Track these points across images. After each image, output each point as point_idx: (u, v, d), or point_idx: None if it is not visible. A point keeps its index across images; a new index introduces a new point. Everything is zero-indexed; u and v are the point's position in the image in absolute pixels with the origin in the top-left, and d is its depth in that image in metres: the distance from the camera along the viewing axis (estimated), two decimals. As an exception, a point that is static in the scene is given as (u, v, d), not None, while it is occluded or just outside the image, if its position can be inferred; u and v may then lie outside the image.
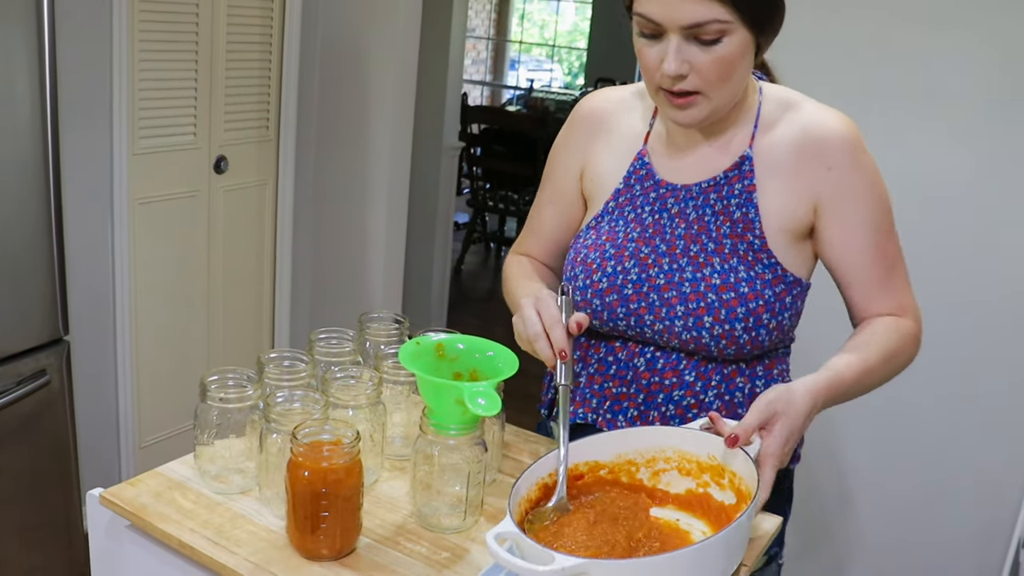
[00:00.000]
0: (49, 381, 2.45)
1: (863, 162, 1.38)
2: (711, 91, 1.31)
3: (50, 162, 2.36)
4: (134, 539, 1.23)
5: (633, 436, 1.29)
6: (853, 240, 1.39)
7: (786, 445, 1.21)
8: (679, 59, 1.28)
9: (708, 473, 1.25)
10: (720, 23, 1.25)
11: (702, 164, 1.43)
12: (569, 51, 12.34)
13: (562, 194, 1.58)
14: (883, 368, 1.38)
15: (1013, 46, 2.37)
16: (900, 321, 1.41)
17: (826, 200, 1.38)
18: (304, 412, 1.21)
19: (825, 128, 1.38)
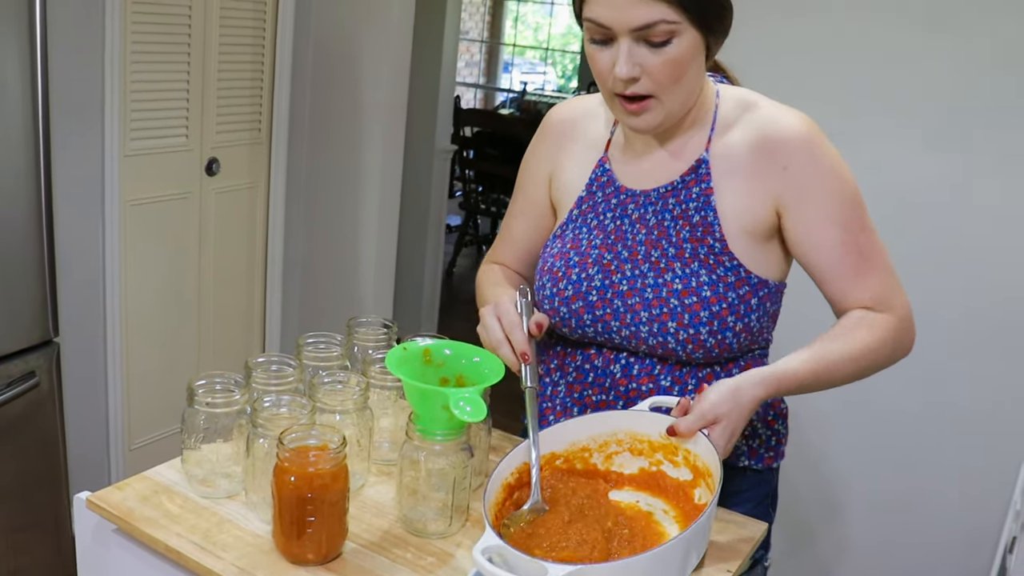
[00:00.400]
0: (39, 383, 2.45)
1: (821, 158, 1.36)
2: (664, 94, 1.31)
3: (41, 163, 2.35)
4: (121, 543, 1.23)
5: (586, 423, 1.32)
6: (818, 237, 1.37)
7: (729, 442, 1.24)
8: (630, 62, 1.28)
9: (661, 452, 1.28)
10: (668, 23, 1.26)
11: (660, 169, 1.43)
12: (563, 54, 12.34)
13: (533, 204, 1.59)
14: (849, 363, 1.35)
15: (991, 51, 2.38)
16: (876, 316, 1.38)
17: (786, 200, 1.37)
18: (291, 417, 1.21)
19: (780, 127, 1.37)
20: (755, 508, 1.47)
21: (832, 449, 2.78)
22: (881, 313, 1.39)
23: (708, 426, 1.23)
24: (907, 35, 2.46)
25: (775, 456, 1.49)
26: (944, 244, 2.49)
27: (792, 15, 2.58)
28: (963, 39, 2.40)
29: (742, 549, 1.23)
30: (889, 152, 2.50)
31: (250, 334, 3.47)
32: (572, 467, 1.30)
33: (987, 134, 2.41)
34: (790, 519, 2.70)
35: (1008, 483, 2.54)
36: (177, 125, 2.95)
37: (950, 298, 2.50)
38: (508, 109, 9.51)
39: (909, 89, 2.48)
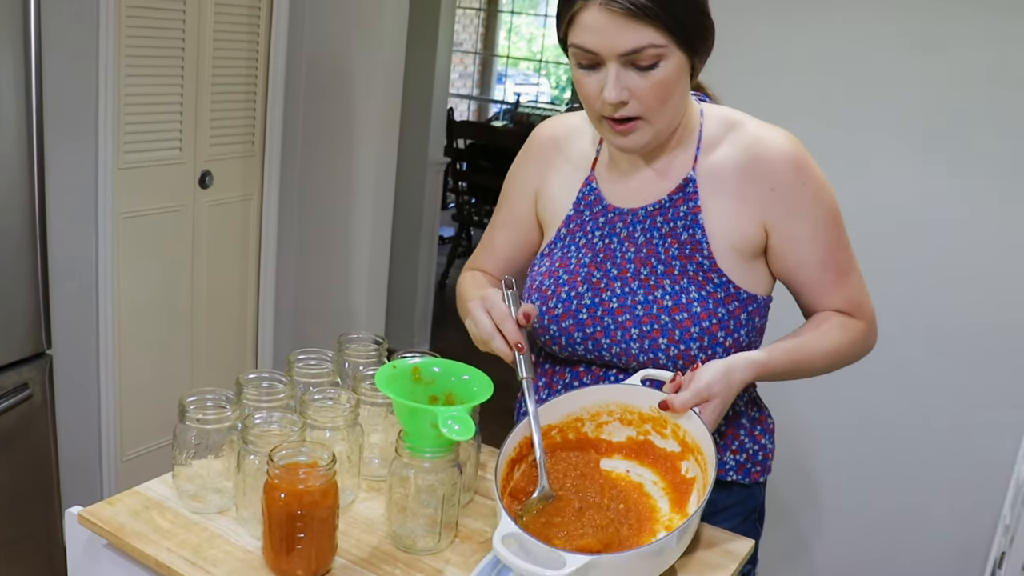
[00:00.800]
0: (31, 395, 2.45)
1: (807, 179, 1.39)
2: (651, 115, 1.33)
3: (35, 176, 2.36)
4: (112, 558, 1.24)
5: (580, 396, 1.36)
6: (803, 255, 1.42)
7: (717, 420, 1.28)
8: (619, 86, 1.30)
9: (650, 423, 1.32)
10: (656, 47, 1.27)
11: (647, 188, 1.45)
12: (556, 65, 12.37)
13: (517, 219, 1.61)
14: (822, 358, 1.43)
15: (985, 69, 2.40)
16: (847, 320, 1.45)
17: (773, 219, 1.40)
18: (281, 434, 1.22)
19: (767, 147, 1.40)
20: (742, 523, 1.48)
21: (821, 463, 2.79)
22: (852, 318, 1.46)
23: (701, 403, 1.27)
24: (902, 53, 2.48)
25: (762, 471, 1.51)
26: (937, 260, 2.50)
27: (785, 32, 2.60)
28: (957, 57, 2.43)
29: (729, 566, 1.24)
30: (884, 168, 2.52)
31: (243, 346, 3.48)
32: (565, 437, 1.34)
33: (982, 151, 2.43)
34: (778, 533, 2.71)
35: (997, 498, 2.55)
36: (171, 138, 2.96)
37: (942, 313, 2.52)
38: (501, 121, 9.54)
39: (903, 106, 2.50)
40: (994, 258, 2.46)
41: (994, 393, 2.51)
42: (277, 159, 3.38)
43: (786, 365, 1.37)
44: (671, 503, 1.27)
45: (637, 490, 1.29)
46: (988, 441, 2.54)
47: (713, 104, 1.50)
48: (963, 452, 2.58)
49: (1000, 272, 2.46)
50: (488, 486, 1.39)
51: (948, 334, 2.52)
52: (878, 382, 2.60)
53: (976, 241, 2.48)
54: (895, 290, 2.40)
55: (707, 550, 1.27)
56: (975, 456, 2.57)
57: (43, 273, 2.44)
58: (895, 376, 2.58)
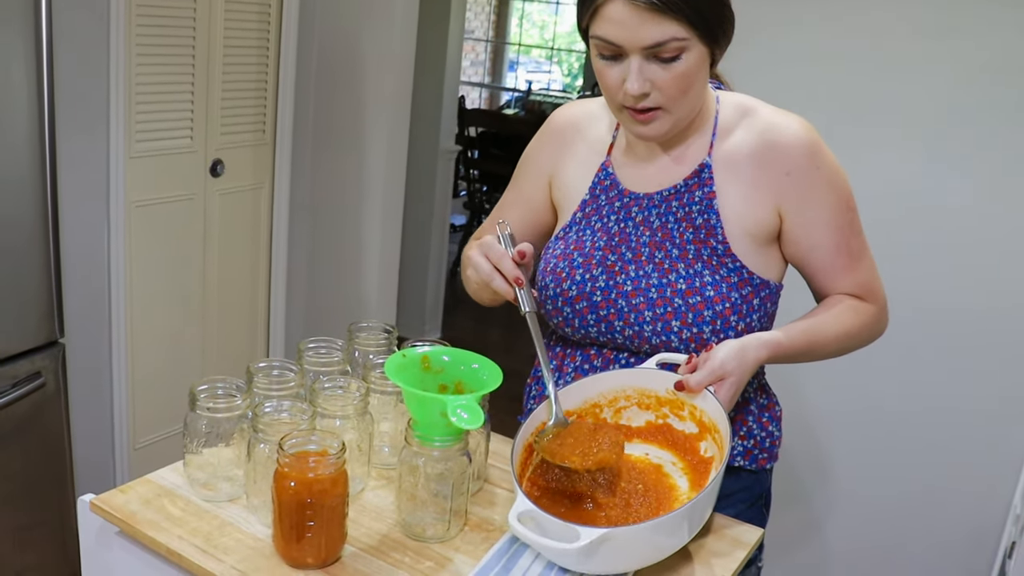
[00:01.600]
0: (44, 383, 2.47)
1: (821, 164, 1.41)
2: (672, 105, 1.35)
3: (47, 165, 2.37)
4: (124, 545, 1.25)
5: (597, 381, 1.38)
6: (816, 240, 1.43)
7: (732, 400, 1.30)
8: (641, 79, 1.31)
9: (667, 406, 1.34)
10: (679, 41, 1.29)
11: (663, 173, 1.47)
12: (568, 53, 12.35)
13: (527, 200, 1.62)
14: (834, 341, 1.44)
15: (991, 60, 2.39)
16: (859, 303, 1.47)
17: (788, 204, 1.41)
18: (291, 422, 1.22)
19: (782, 133, 1.41)
20: (749, 508, 1.49)
21: (832, 450, 2.79)
22: (865, 302, 1.47)
23: (716, 382, 1.28)
24: (908, 44, 2.47)
25: (769, 458, 1.51)
26: (949, 247, 2.50)
27: (792, 25, 2.59)
28: (964, 49, 2.42)
29: (737, 554, 1.25)
30: (891, 160, 2.51)
31: (254, 335, 3.49)
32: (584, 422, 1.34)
33: (988, 142, 2.43)
34: (786, 519, 2.72)
35: (1008, 487, 2.55)
36: (182, 127, 2.97)
37: (951, 302, 2.51)
38: (513, 109, 9.52)
39: (910, 98, 2.49)
40: (1006, 244, 2.45)
41: (1005, 380, 2.51)
42: (288, 147, 3.39)
43: (800, 346, 1.38)
44: (690, 483, 1.28)
45: (656, 471, 1.30)
46: (999, 430, 2.54)
47: (728, 91, 1.50)
48: (974, 441, 2.58)
49: (1011, 258, 2.45)
50: (498, 474, 1.40)
51: (958, 321, 2.51)
52: (888, 369, 2.60)
53: (987, 228, 2.47)
54: (906, 277, 2.39)
55: (716, 539, 1.27)
56: (986, 445, 2.57)
57: (55, 262, 2.46)
58: (905, 363, 2.58)
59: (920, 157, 2.51)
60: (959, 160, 2.47)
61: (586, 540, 1.06)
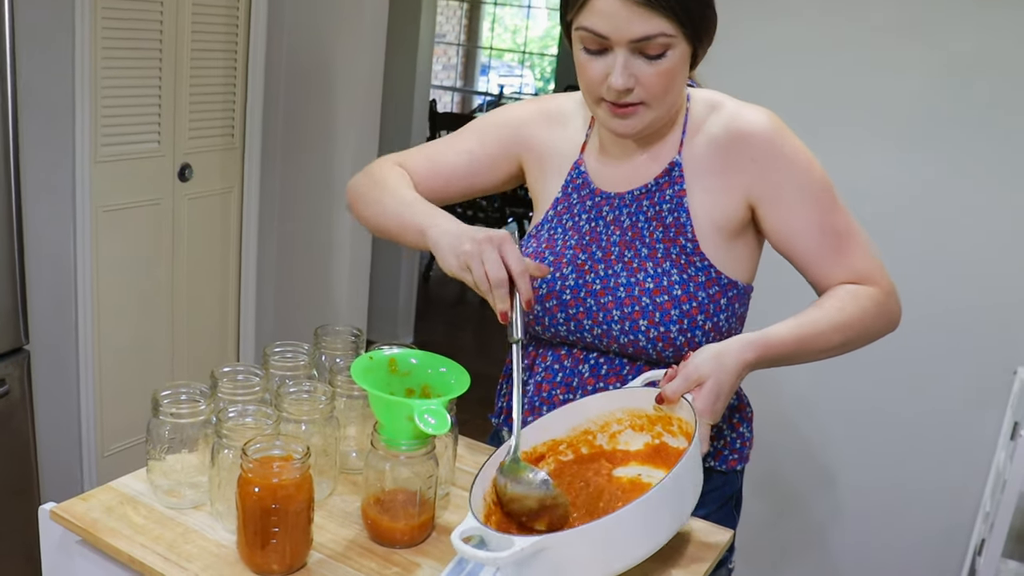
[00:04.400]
0: (9, 391, 2.44)
1: (786, 148, 1.39)
2: (653, 102, 1.35)
3: (11, 169, 2.34)
4: (85, 554, 1.23)
5: (583, 406, 1.33)
6: (794, 224, 1.40)
7: (716, 404, 1.25)
8: (626, 73, 1.31)
9: (659, 424, 1.30)
10: (666, 37, 1.29)
11: (634, 172, 1.46)
12: (540, 57, 12.37)
13: (485, 154, 1.57)
14: (834, 332, 1.36)
15: (960, 59, 2.41)
16: (859, 288, 1.41)
17: (758, 192, 1.40)
18: (256, 427, 1.21)
19: (744, 122, 1.40)
20: (719, 509, 1.48)
21: (803, 448, 2.80)
22: (868, 287, 1.41)
23: (693, 388, 1.25)
24: (878, 43, 2.49)
25: (739, 459, 1.51)
26: (919, 248, 2.51)
27: (764, 23, 2.60)
28: (932, 48, 2.43)
29: (707, 557, 1.24)
30: (862, 158, 2.52)
31: (224, 341, 3.46)
32: (578, 452, 1.32)
33: (958, 139, 2.44)
34: (756, 518, 2.72)
35: (978, 485, 2.56)
36: (149, 131, 2.94)
37: (923, 301, 2.52)
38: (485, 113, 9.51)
39: (880, 97, 2.51)
40: (975, 247, 2.47)
41: (976, 379, 2.53)
42: (257, 151, 3.36)
43: (791, 343, 1.33)
44: None
45: (640, 490, 1.25)
46: (969, 429, 2.55)
47: (698, 88, 1.50)
48: (944, 440, 2.60)
49: (982, 260, 2.47)
50: (466, 478, 1.39)
51: (929, 322, 2.53)
52: (859, 368, 2.60)
53: (957, 230, 2.49)
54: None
55: (685, 540, 1.27)
56: (956, 444, 2.58)
57: (20, 267, 2.42)
58: (876, 362, 2.59)
59: (891, 155, 2.52)
60: (934, 162, 2.48)
61: (518, 547, 1.03)
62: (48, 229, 2.73)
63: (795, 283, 1.48)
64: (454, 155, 1.60)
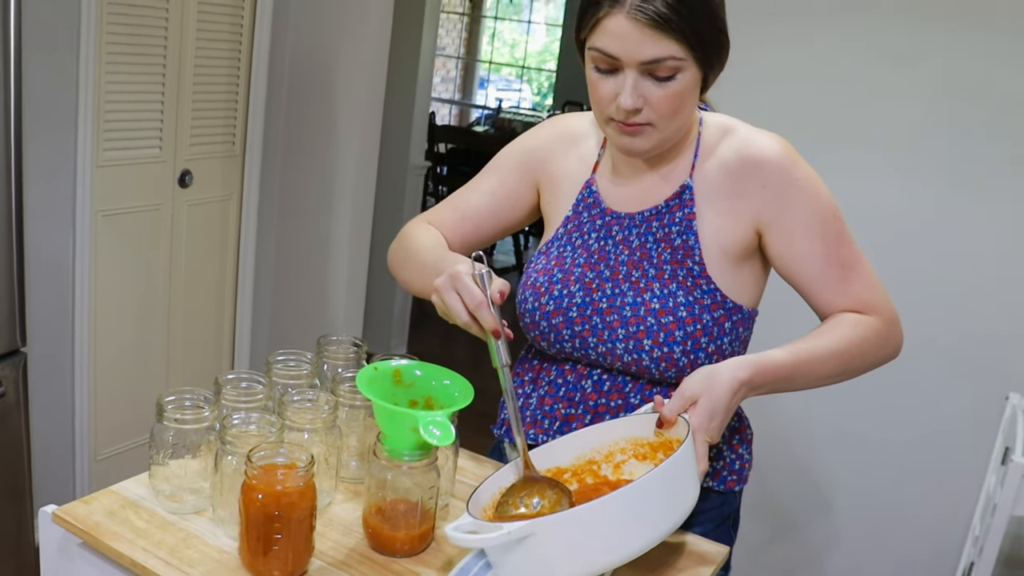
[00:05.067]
0: (5, 393, 2.43)
1: (797, 175, 1.41)
2: (661, 123, 1.36)
3: (12, 171, 2.34)
4: (86, 557, 1.23)
5: (586, 436, 1.34)
6: (800, 251, 1.41)
7: (711, 421, 1.26)
8: (635, 94, 1.32)
9: (661, 451, 1.30)
10: (676, 60, 1.30)
11: (645, 193, 1.48)
12: (539, 72, 12.41)
13: (508, 191, 1.59)
14: (832, 358, 1.37)
15: (956, 85, 2.43)
16: (860, 316, 1.42)
17: (766, 218, 1.41)
18: (259, 434, 1.22)
19: (756, 148, 1.42)
20: (716, 528, 1.49)
21: (793, 470, 2.81)
22: (869, 316, 1.42)
23: (688, 406, 1.26)
24: (877, 69, 2.51)
25: (738, 480, 1.52)
26: (910, 272, 2.52)
27: (763, 49, 2.62)
28: (929, 74, 2.46)
29: (702, 572, 1.25)
30: (860, 184, 2.54)
31: (220, 347, 3.46)
32: (582, 482, 1.32)
33: (956, 166, 2.46)
34: (750, 539, 2.72)
35: (968, 509, 2.57)
36: (151, 136, 2.95)
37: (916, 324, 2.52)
38: (483, 126, 9.55)
39: (879, 123, 2.53)
40: (966, 271, 2.49)
41: (966, 403, 2.54)
42: (258, 160, 3.37)
43: (787, 367, 1.33)
44: None
45: None
46: (960, 452, 2.57)
47: (711, 112, 1.52)
48: (934, 463, 2.61)
49: (976, 287, 2.48)
50: (465, 490, 1.39)
51: (921, 345, 2.53)
52: (850, 392, 2.61)
53: (947, 254, 2.50)
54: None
55: (680, 556, 1.28)
56: (945, 467, 2.59)
57: (19, 270, 2.42)
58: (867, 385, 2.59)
59: (888, 180, 2.54)
60: (929, 187, 2.50)
61: (506, 530, 1.04)
62: (48, 232, 2.73)
63: (799, 309, 1.50)
64: (477, 197, 1.61)
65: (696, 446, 1.22)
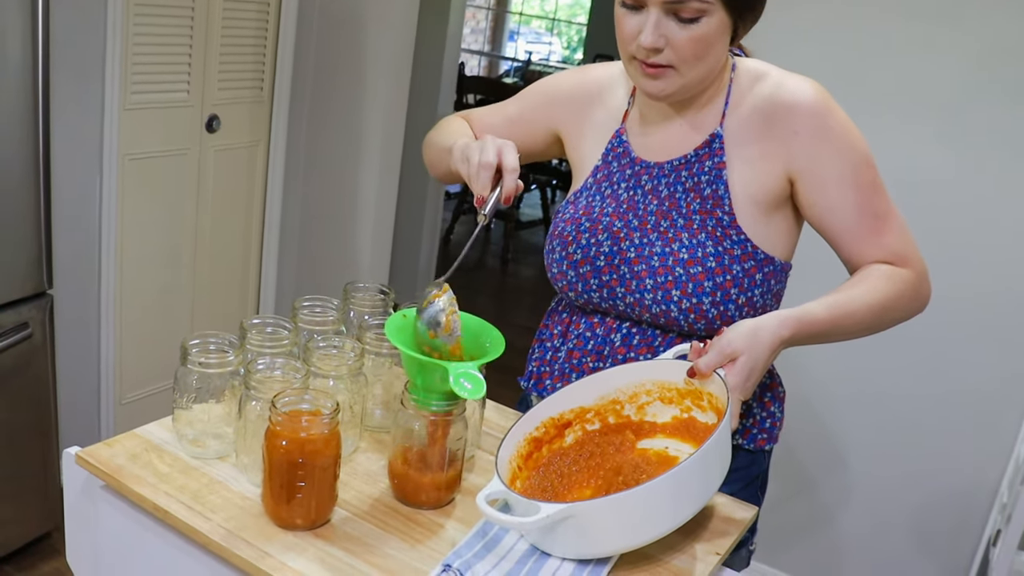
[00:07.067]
0: (31, 334, 2.44)
1: (831, 122, 1.37)
2: (683, 67, 1.33)
3: (39, 114, 2.34)
4: (108, 499, 1.22)
5: (612, 376, 1.33)
6: (833, 199, 1.38)
7: (748, 380, 1.24)
8: (656, 32, 1.29)
9: (688, 398, 1.28)
10: (700, 2, 1.27)
11: (675, 142, 1.45)
12: (569, 25, 12.27)
13: (526, 122, 1.61)
14: (868, 312, 1.35)
15: (991, 46, 2.37)
16: (894, 269, 1.38)
17: (798, 165, 1.37)
18: (284, 380, 1.20)
19: (788, 93, 1.38)
20: (744, 488, 1.47)
21: (819, 433, 2.78)
22: (902, 268, 1.39)
23: (727, 363, 1.24)
24: (910, 31, 2.45)
25: (768, 439, 1.49)
26: (948, 233, 2.48)
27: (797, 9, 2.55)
28: (965, 35, 2.40)
29: (731, 532, 1.23)
30: (893, 145, 2.49)
31: (244, 294, 3.46)
32: (604, 421, 1.31)
33: (989, 128, 2.41)
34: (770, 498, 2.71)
35: (995, 474, 2.55)
36: (179, 80, 2.92)
37: (949, 287, 2.49)
38: (512, 79, 9.46)
39: (912, 84, 2.47)
40: (1006, 231, 2.44)
41: (996, 368, 2.50)
42: (285, 106, 3.34)
43: (826, 322, 1.31)
44: None
45: (668, 463, 1.25)
46: (988, 417, 2.53)
47: (744, 58, 1.48)
48: (962, 427, 2.58)
49: (1012, 245, 2.44)
50: (492, 442, 1.38)
51: (955, 306, 2.50)
52: (877, 352, 2.58)
53: (988, 215, 2.45)
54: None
55: (708, 516, 1.26)
56: (974, 431, 2.56)
57: (46, 213, 2.42)
58: (895, 347, 2.56)
59: (927, 142, 2.48)
60: (965, 146, 2.45)
61: (544, 514, 1.03)
62: (74, 175, 2.72)
63: (830, 260, 1.46)
64: (499, 120, 1.64)
65: (731, 404, 1.20)
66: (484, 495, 1.07)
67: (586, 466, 1.25)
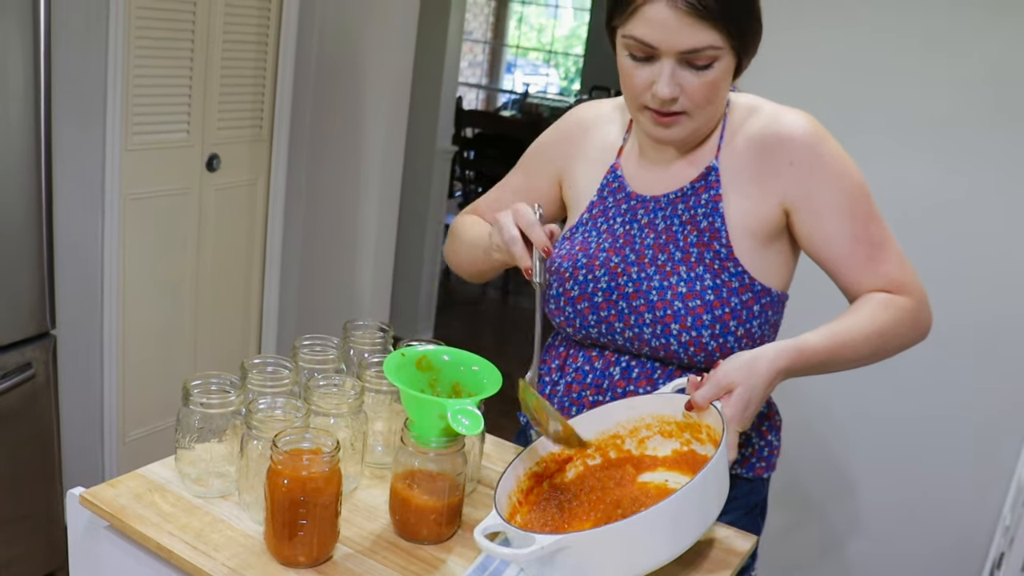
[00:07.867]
0: (35, 375, 2.46)
1: (825, 153, 1.39)
2: (696, 112, 1.35)
3: (42, 155, 2.36)
4: (112, 540, 1.23)
5: (612, 411, 1.34)
6: (829, 229, 1.39)
7: (745, 411, 1.24)
8: (673, 83, 1.31)
9: (688, 431, 1.29)
10: (714, 49, 1.29)
11: (671, 176, 1.46)
12: (566, 56, 12.35)
13: (534, 188, 1.62)
14: (866, 342, 1.36)
15: (983, 69, 2.40)
16: (892, 297, 1.39)
17: (793, 196, 1.39)
18: (285, 419, 1.21)
19: (782, 125, 1.40)
20: (744, 516, 1.48)
21: (823, 456, 2.79)
22: (901, 296, 1.40)
23: (723, 395, 1.24)
24: (905, 52, 2.47)
25: (766, 467, 1.50)
26: (943, 256, 2.49)
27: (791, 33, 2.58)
28: (957, 58, 2.42)
29: (732, 561, 1.24)
30: (888, 169, 2.51)
31: (246, 331, 3.47)
32: (605, 455, 1.32)
33: (985, 151, 2.43)
34: (774, 525, 2.71)
35: (998, 497, 2.55)
36: (179, 120, 2.95)
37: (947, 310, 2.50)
38: (510, 111, 9.53)
39: (907, 107, 2.50)
40: (1002, 255, 2.45)
41: (999, 390, 2.51)
42: (285, 144, 3.37)
43: (824, 352, 1.31)
44: None
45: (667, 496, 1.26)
46: (990, 440, 2.54)
47: (738, 93, 1.50)
48: (964, 450, 2.58)
49: (1009, 269, 2.45)
50: (492, 475, 1.39)
51: (953, 331, 2.50)
52: (880, 375, 2.58)
53: (983, 238, 2.47)
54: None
55: (708, 545, 1.27)
56: (976, 454, 2.56)
57: (49, 253, 2.44)
58: (897, 370, 2.56)
59: (919, 164, 2.50)
60: (962, 171, 2.46)
61: (539, 545, 1.04)
62: (77, 216, 2.75)
63: (828, 291, 1.48)
64: (509, 195, 1.65)
65: (727, 435, 1.21)
66: (481, 529, 1.08)
67: (586, 500, 1.26)
